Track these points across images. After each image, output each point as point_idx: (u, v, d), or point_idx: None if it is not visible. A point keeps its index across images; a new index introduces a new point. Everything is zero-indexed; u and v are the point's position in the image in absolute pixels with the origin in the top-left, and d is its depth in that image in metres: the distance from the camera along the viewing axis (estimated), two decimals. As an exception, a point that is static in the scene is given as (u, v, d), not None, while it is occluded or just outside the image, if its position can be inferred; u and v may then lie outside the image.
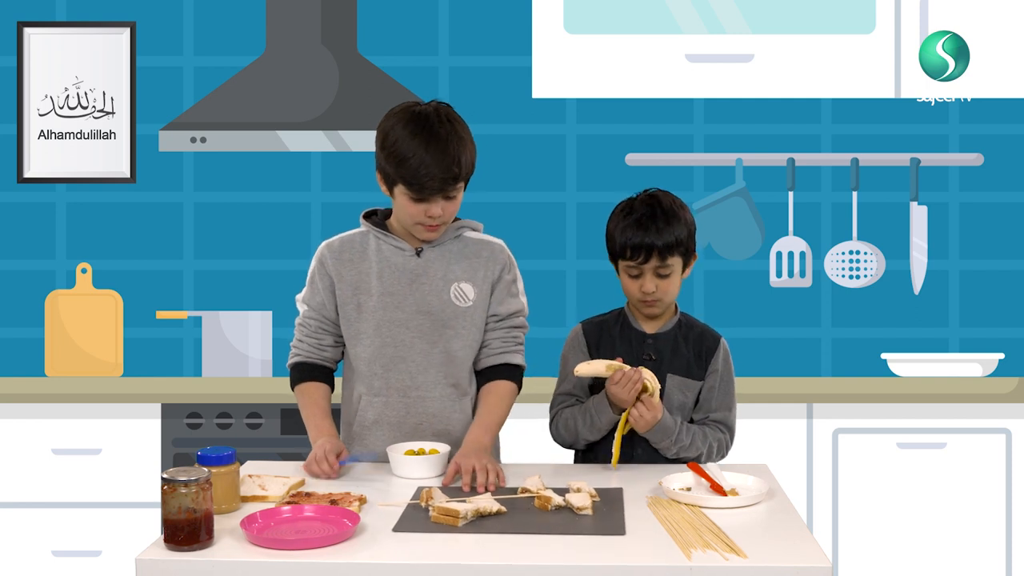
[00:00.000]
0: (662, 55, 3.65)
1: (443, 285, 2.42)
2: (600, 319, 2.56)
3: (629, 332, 2.51)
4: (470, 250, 2.47)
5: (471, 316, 2.43)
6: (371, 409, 2.44)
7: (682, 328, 2.51)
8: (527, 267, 3.95)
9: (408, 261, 2.43)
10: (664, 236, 2.39)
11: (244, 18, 3.99)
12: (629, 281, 2.45)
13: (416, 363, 2.42)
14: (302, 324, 2.50)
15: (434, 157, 2.28)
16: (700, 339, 2.51)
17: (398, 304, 2.41)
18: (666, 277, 2.42)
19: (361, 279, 2.43)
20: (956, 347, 4.00)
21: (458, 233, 2.48)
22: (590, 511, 2.00)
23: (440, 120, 2.33)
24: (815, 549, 1.83)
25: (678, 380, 2.46)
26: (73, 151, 3.99)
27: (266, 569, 1.77)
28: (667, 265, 2.41)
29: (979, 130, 3.97)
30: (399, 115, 2.35)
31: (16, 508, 3.51)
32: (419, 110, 2.35)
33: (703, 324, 2.56)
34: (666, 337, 2.49)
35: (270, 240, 4.03)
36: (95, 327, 3.95)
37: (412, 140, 2.30)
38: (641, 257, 2.40)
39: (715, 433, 2.46)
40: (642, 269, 2.41)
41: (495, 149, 4.00)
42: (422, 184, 2.30)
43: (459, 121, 2.38)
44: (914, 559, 3.48)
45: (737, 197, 3.88)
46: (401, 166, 2.30)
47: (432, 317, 2.41)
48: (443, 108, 2.38)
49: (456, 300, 2.42)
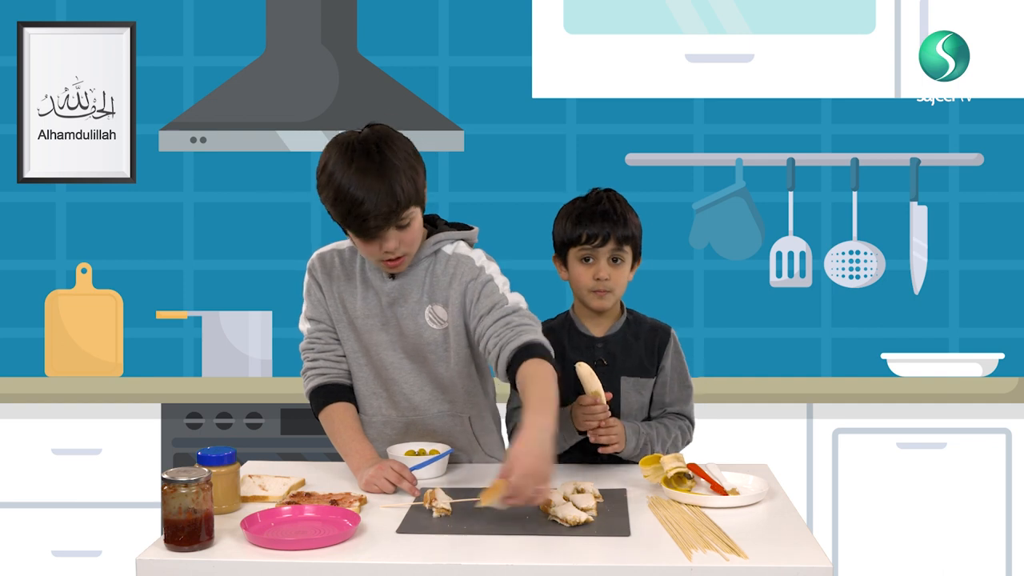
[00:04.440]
0: (662, 55, 3.65)
1: (418, 308, 2.32)
2: (547, 325, 2.48)
3: (577, 337, 2.49)
4: (441, 268, 2.32)
5: (449, 339, 2.33)
6: (370, 428, 2.39)
7: (631, 326, 2.50)
8: (527, 267, 3.96)
9: (386, 284, 2.32)
10: (621, 226, 2.42)
11: (244, 18, 3.99)
12: (581, 270, 2.44)
13: (409, 384, 2.36)
14: (312, 342, 2.39)
15: (366, 193, 2.12)
16: (650, 334, 2.50)
17: (382, 327, 2.33)
18: (619, 266, 2.43)
19: (348, 298, 2.36)
20: (956, 347, 4.00)
21: (435, 249, 2.33)
22: (592, 515, 1.97)
23: (368, 151, 2.15)
24: (815, 549, 1.83)
25: (632, 381, 2.46)
26: (73, 151, 3.99)
27: (266, 569, 1.77)
28: (623, 250, 2.42)
29: (979, 130, 3.97)
30: (332, 148, 2.19)
31: (16, 508, 3.51)
32: (349, 140, 2.18)
33: (651, 319, 2.54)
34: (616, 339, 2.48)
35: (270, 240, 4.03)
36: (95, 327, 3.95)
37: (343, 175, 2.13)
38: (598, 240, 2.40)
39: (675, 423, 2.47)
40: (597, 253, 2.41)
41: (495, 149, 4.00)
42: (363, 224, 2.15)
43: (394, 145, 2.18)
44: (914, 559, 3.48)
45: (737, 197, 3.88)
46: (337, 207, 2.16)
47: (411, 341, 2.33)
48: (376, 134, 2.20)
49: (431, 323, 2.32)
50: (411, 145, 2.23)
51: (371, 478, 2.17)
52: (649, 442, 2.41)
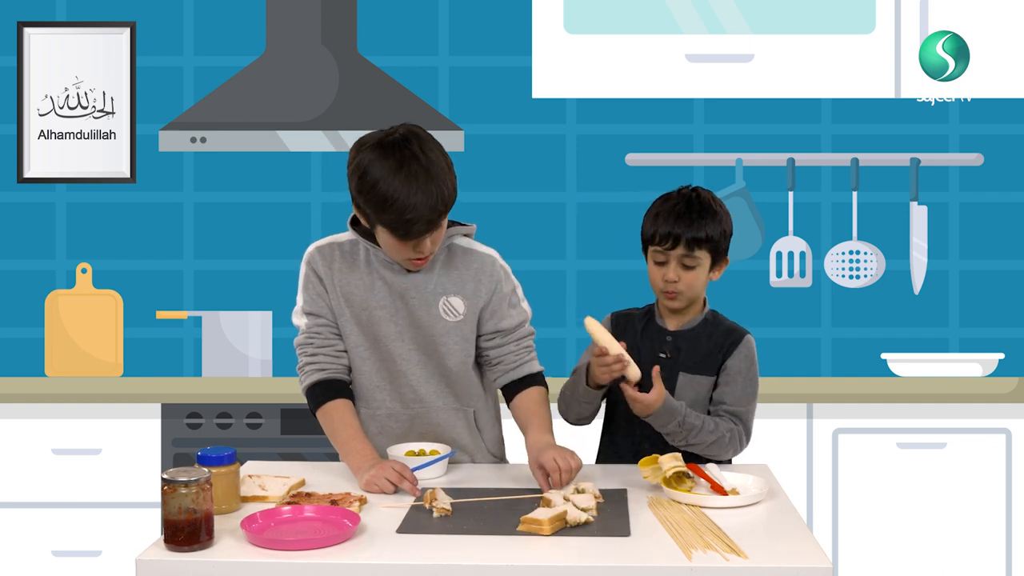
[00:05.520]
0: (662, 55, 3.65)
1: (432, 299, 2.33)
2: (629, 312, 2.52)
3: (652, 328, 2.48)
4: (459, 261, 2.36)
5: (461, 331, 2.35)
6: (373, 422, 2.39)
7: (707, 326, 2.47)
8: (527, 267, 3.97)
9: (398, 276, 2.33)
10: (695, 228, 2.36)
11: (244, 18, 3.99)
12: (655, 269, 2.41)
13: (416, 376, 2.36)
14: (310, 337, 2.36)
15: (418, 198, 2.13)
16: (723, 336, 2.45)
17: (391, 318, 2.33)
18: (691, 269, 2.38)
19: (352, 290, 2.34)
20: (956, 347, 4.00)
21: (448, 243, 2.37)
22: (592, 515, 1.98)
23: (415, 155, 2.16)
24: (815, 549, 1.83)
25: (689, 378, 2.42)
26: (73, 151, 3.99)
27: (266, 570, 1.77)
28: (694, 256, 2.37)
29: (979, 130, 3.97)
30: (371, 151, 2.18)
31: (16, 508, 3.51)
32: (391, 142, 2.18)
33: (731, 322, 2.50)
34: (687, 335, 2.45)
35: (270, 240, 4.02)
36: (95, 327, 3.95)
37: (392, 180, 2.13)
38: (669, 243, 2.36)
39: (726, 423, 2.38)
40: (668, 256, 2.38)
41: (495, 149, 4.00)
42: (408, 228, 2.16)
43: (434, 147, 2.21)
44: (914, 559, 3.48)
45: (737, 197, 3.88)
46: (384, 210, 2.15)
47: (423, 332, 2.34)
48: (416, 136, 2.20)
49: (445, 315, 2.33)
50: (442, 146, 2.25)
51: (371, 478, 2.17)
52: (687, 425, 2.31)
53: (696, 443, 2.34)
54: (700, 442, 2.34)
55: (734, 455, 2.42)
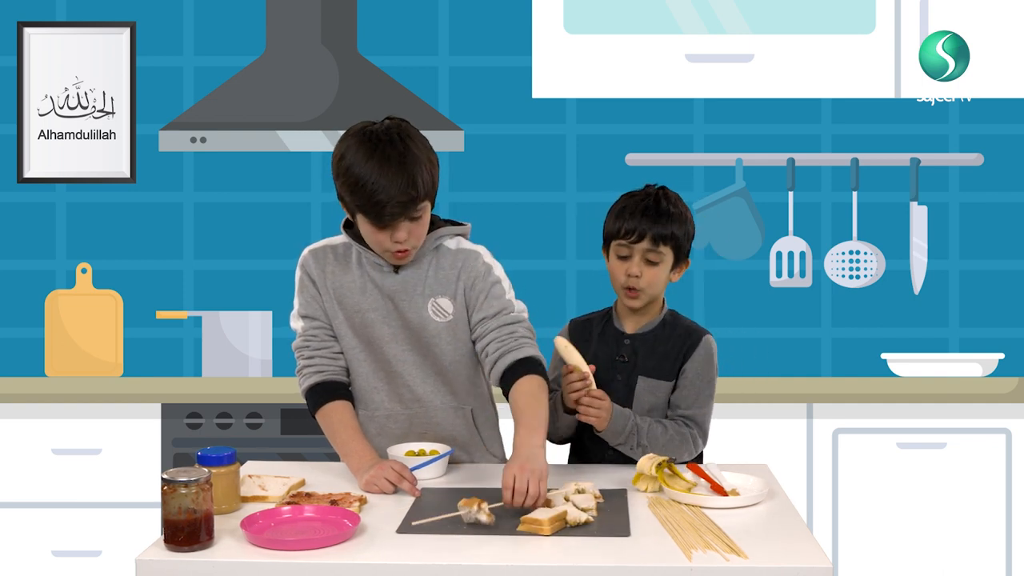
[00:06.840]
0: (662, 55, 3.65)
1: (421, 301, 2.33)
2: (587, 317, 2.55)
3: (609, 331, 2.49)
4: (446, 262, 2.35)
5: (453, 330, 2.34)
6: (372, 423, 2.39)
7: (665, 327, 2.47)
8: (527, 267, 3.97)
9: (387, 278, 2.33)
10: (661, 224, 2.39)
11: (244, 18, 3.99)
12: (617, 264, 2.42)
13: (413, 376, 2.36)
14: (307, 340, 2.37)
15: (389, 180, 2.16)
16: (681, 338, 2.46)
17: (383, 320, 2.33)
18: (654, 265, 2.40)
19: (345, 293, 2.35)
20: (956, 347, 4.00)
21: (437, 243, 2.36)
22: (592, 515, 1.97)
23: (392, 140, 2.19)
24: (815, 549, 1.83)
25: (648, 382, 2.43)
26: (73, 151, 3.99)
27: (266, 570, 1.77)
28: (658, 252, 2.39)
29: (979, 130, 3.97)
30: (352, 137, 2.22)
31: (16, 508, 3.51)
32: (371, 130, 2.22)
33: (690, 323, 2.50)
34: (646, 337, 2.46)
35: (270, 240, 4.03)
36: (95, 327, 3.95)
37: (365, 164, 2.17)
38: (634, 236, 2.38)
39: (677, 427, 2.40)
40: (632, 250, 2.39)
41: (495, 149, 4.00)
42: (380, 211, 2.18)
43: (415, 138, 2.24)
44: (914, 559, 3.49)
45: (737, 197, 3.88)
46: (356, 193, 2.18)
47: (416, 333, 2.34)
48: (397, 126, 2.24)
49: (435, 316, 2.33)
50: (428, 142, 2.27)
51: (371, 478, 2.17)
52: (637, 432, 2.35)
53: (649, 448, 2.37)
54: (653, 447, 2.37)
55: (689, 457, 2.42)
